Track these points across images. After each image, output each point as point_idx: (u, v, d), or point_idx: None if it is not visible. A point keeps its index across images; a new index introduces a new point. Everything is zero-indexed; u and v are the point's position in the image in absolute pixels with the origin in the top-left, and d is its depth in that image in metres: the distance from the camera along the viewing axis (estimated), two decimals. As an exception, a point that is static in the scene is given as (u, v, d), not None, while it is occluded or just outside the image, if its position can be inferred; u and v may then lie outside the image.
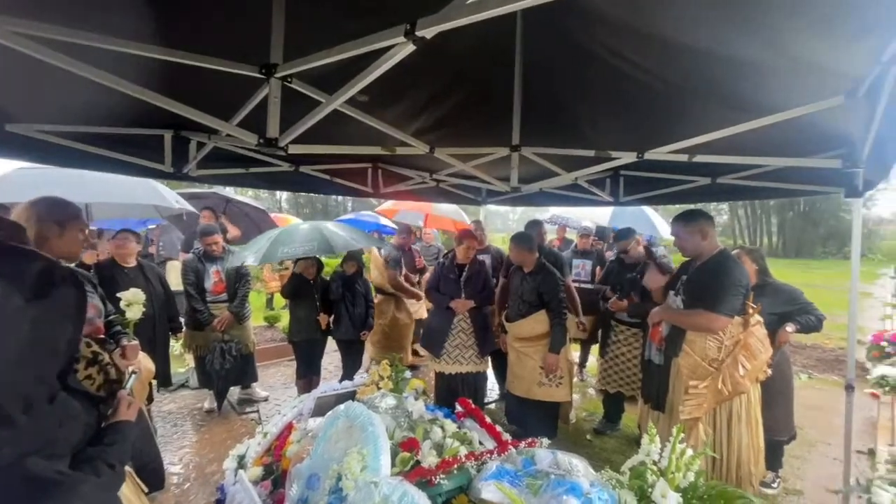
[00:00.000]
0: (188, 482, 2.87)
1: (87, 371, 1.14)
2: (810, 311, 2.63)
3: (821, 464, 3.18)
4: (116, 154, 2.39)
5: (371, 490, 1.29)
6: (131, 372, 1.45)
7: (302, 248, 3.26)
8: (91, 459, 0.95)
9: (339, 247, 3.36)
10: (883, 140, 1.69)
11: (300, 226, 3.64)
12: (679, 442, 1.51)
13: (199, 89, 1.73)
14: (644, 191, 3.49)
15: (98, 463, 0.95)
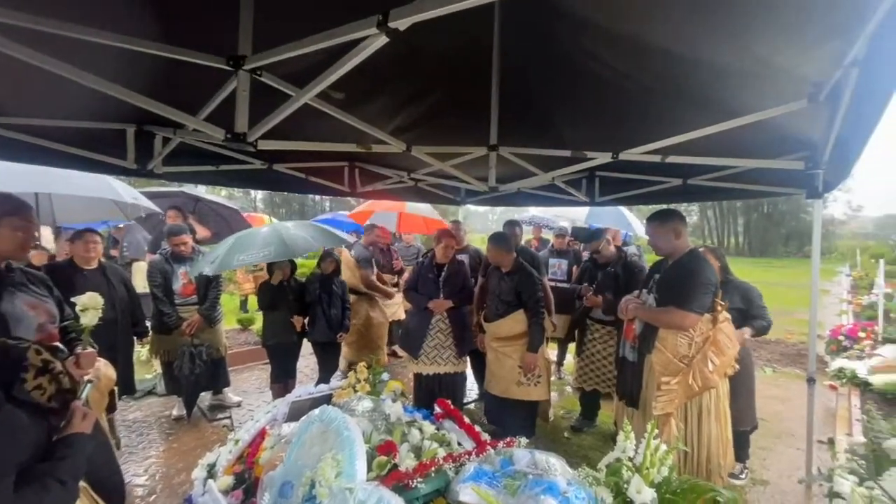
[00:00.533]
0: (154, 494, 2.74)
1: (36, 381, 1.06)
2: (763, 315, 2.77)
3: (785, 454, 3.31)
4: (75, 150, 2.26)
5: (346, 496, 1.25)
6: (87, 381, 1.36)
7: (258, 255, 3.10)
8: (39, 477, 0.88)
9: (298, 250, 3.23)
10: (843, 142, 1.77)
11: (259, 230, 3.43)
12: (653, 438, 1.54)
13: (163, 82, 1.65)
14: (619, 191, 3.56)
15: (47, 480, 0.88)
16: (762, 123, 1.82)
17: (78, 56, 1.29)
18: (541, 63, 1.97)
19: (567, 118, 2.45)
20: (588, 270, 3.78)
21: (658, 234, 2.23)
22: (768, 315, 2.81)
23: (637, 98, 2.03)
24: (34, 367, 1.06)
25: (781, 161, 2.15)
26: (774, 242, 34.95)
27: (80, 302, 1.88)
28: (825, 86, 1.47)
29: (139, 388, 4.12)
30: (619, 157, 2.15)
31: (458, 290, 3.39)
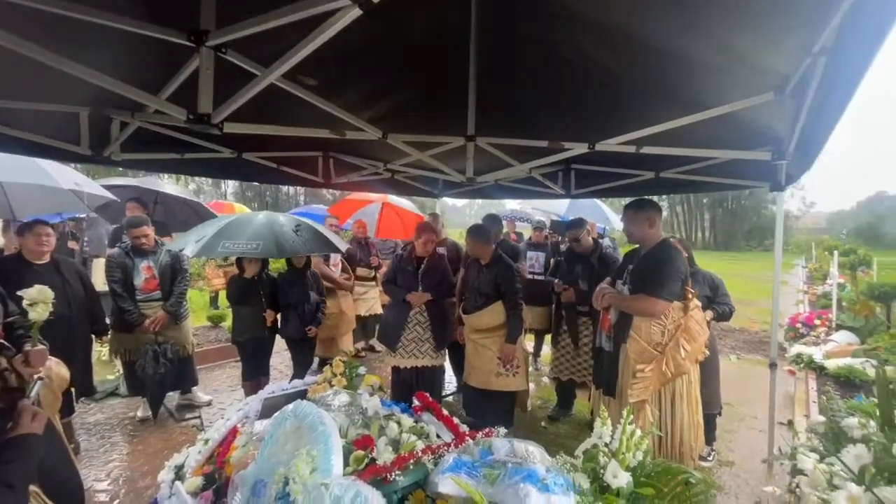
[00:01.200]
0: (117, 499, 2.61)
1: None
2: (726, 301, 2.93)
3: (749, 436, 3.47)
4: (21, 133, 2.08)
5: (321, 492, 1.21)
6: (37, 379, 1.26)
7: (246, 246, 2.91)
8: None
9: (286, 252, 3.07)
10: (807, 134, 1.84)
11: (253, 219, 3.20)
12: (629, 423, 1.57)
13: (119, 59, 1.53)
14: (594, 184, 3.61)
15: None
16: (731, 116, 1.87)
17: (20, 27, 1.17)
18: (519, 53, 1.96)
19: (544, 109, 2.45)
20: (565, 261, 3.82)
21: (633, 221, 2.27)
22: (731, 302, 2.95)
23: (613, 90, 2.05)
24: None
25: (749, 153, 2.22)
26: (737, 237, 36.75)
27: (27, 296, 1.74)
28: (791, 78, 1.52)
29: (100, 389, 3.92)
30: (596, 148, 2.17)
31: (437, 284, 3.36)
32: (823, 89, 1.43)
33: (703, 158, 2.59)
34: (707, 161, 2.60)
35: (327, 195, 32.55)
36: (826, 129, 1.66)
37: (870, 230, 33.53)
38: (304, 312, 3.60)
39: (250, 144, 2.82)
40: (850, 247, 11.15)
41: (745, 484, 2.82)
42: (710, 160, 2.58)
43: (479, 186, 4.08)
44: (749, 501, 2.59)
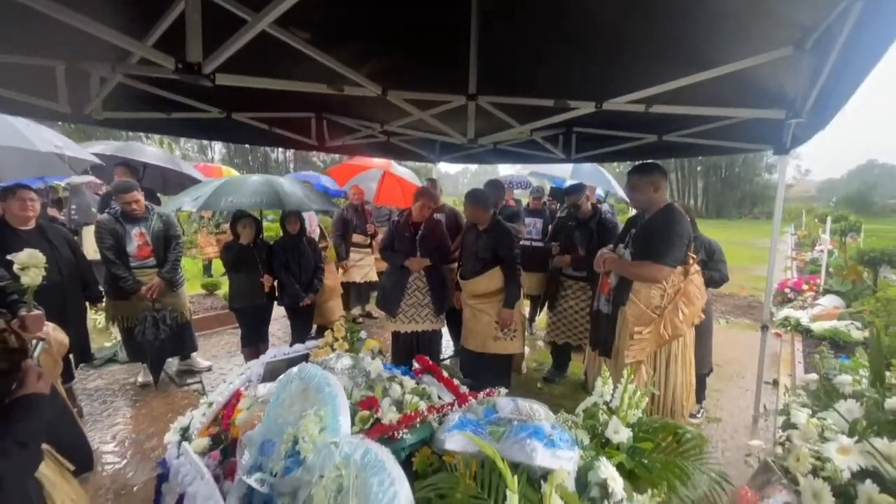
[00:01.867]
0: (124, 460, 2.66)
1: None
2: (720, 269, 2.93)
3: (735, 395, 3.61)
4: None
5: (331, 450, 1.23)
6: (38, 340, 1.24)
7: (249, 201, 3.01)
8: None
9: (290, 204, 3.10)
10: (828, 90, 1.77)
11: (248, 178, 3.32)
12: (629, 383, 1.60)
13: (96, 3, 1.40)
14: (595, 148, 3.54)
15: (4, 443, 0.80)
16: (743, 74, 1.79)
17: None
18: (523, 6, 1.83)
19: (549, 67, 2.34)
20: (564, 227, 3.80)
21: (637, 186, 2.23)
22: (726, 270, 2.96)
23: (623, 46, 1.95)
24: None
25: (763, 111, 2.15)
26: (729, 204, 37.00)
27: (18, 260, 1.69)
28: (813, 31, 1.44)
29: (98, 355, 3.92)
30: (603, 107, 2.09)
31: (434, 249, 3.34)
32: (854, 39, 1.35)
33: (710, 119, 2.51)
34: (714, 122, 2.53)
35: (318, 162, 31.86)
36: (852, 84, 1.59)
37: (859, 198, 33.90)
38: (302, 281, 3.58)
39: (241, 104, 2.69)
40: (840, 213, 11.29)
41: (730, 438, 2.96)
42: (718, 121, 2.50)
43: (477, 151, 3.98)
44: (735, 454, 2.72)
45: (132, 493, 2.38)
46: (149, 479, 2.39)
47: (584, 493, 1.25)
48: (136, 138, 10.06)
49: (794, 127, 2.39)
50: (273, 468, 1.39)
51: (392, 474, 1.13)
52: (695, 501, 1.39)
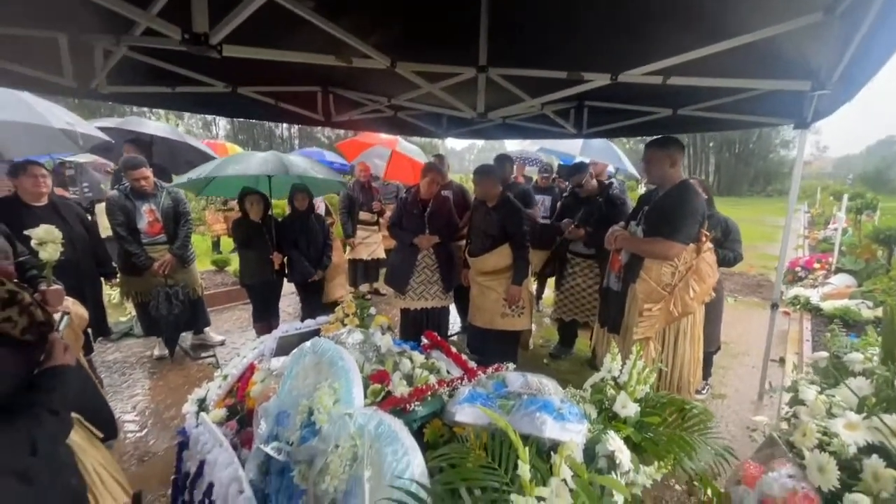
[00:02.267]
0: (146, 429, 2.77)
1: (4, 313, 0.95)
2: (734, 248, 2.86)
3: (741, 372, 3.64)
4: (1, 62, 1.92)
5: (346, 421, 1.26)
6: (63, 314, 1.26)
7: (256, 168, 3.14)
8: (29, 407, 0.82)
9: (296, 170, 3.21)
10: (858, 59, 1.68)
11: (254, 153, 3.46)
12: (638, 359, 1.62)
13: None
14: (607, 122, 3.45)
15: (37, 410, 0.83)
16: (767, 43, 1.71)
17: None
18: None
19: (562, 38, 2.26)
20: (569, 205, 3.77)
21: (654, 159, 2.18)
22: (740, 250, 2.90)
23: (640, 15, 1.86)
24: None
25: (786, 82, 2.06)
26: (742, 181, 36.21)
27: (35, 236, 1.71)
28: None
29: (115, 330, 4.02)
30: (618, 79, 2.02)
31: (443, 226, 3.33)
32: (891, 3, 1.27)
33: (728, 92, 2.42)
34: (733, 95, 2.44)
35: (322, 138, 31.53)
36: (884, 53, 1.50)
37: (876, 175, 32.95)
38: (311, 257, 3.61)
39: (246, 77, 2.64)
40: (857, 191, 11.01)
41: (735, 414, 2.99)
42: (737, 94, 2.41)
43: (486, 125, 3.90)
44: (739, 429, 2.77)
45: (155, 459, 2.48)
46: (170, 447, 2.49)
47: (592, 464, 1.28)
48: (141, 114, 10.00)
49: (818, 100, 2.30)
50: (289, 438, 1.43)
51: (405, 444, 1.16)
52: (699, 474, 1.42)
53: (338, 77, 2.85)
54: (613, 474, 1.22)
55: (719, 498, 1.45)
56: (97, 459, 1.30)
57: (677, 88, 2.25)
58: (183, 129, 20.28)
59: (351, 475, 1.19)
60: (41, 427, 0.80)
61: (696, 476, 1.43)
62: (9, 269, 1.61)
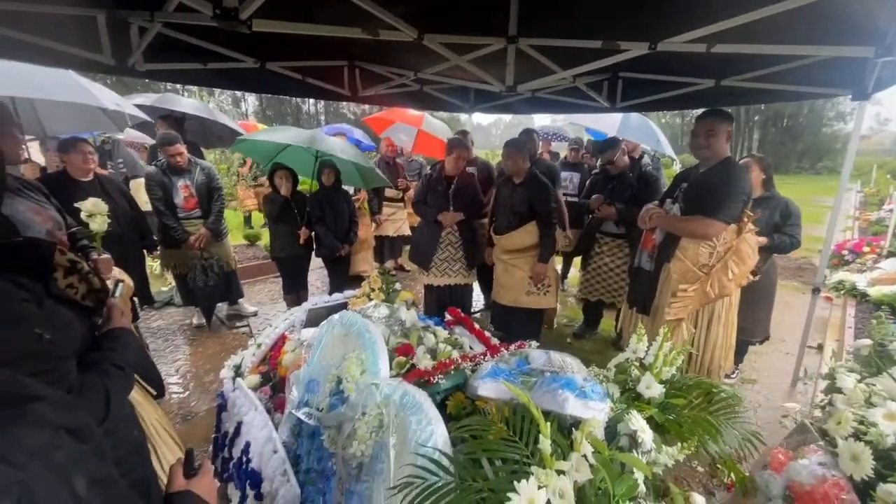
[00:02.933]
0: (188, 391, 2.98)
1: (67, 280, 1.03)
2: (793, 233, 2.67)
3: (775, 357, 3.52)
4: (43, 40, 1.99)
5: (372, 391, 1.32)
6: (117, 281, 1.34)
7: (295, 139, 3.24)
8: (97, 363, 0.90)
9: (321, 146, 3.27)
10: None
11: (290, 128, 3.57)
12: (666, 341, 1.59)
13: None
14: (643, 95, 3.27)
15: (105, 365, 0.90)
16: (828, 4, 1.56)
17: None
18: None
19: (597, 4, 2.13)
20: (599, 182, 3.65)
21: (716, 130, 2.05)
22: (799, 236, 2.70)
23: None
24: (62, 267, 1.02)
25: (846, 48, 1.88)
26: (789, 158, 33.89)
27: (84, 208, 1.82)
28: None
29: (157, 299, 4.28)
30: (657, 48, 1.90)
31: (468, 203, 3.31)
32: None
33: (779, 60, 2.24)
34: (784, 64, 2.25)
35: (349, 114, 31.53)
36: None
37: (943, 152, 30.10)
38: (337, 232, 3.68)
39: (275, 53, 2.65)
40: (919, 169, 10.12)
41: (765, 400, 2.92)
42: (789, 62, 2.23)
43: (514, 99, 3.78)
44: (769, 416, 2.70)
45: (197, 418, 2.67)
46: (210, 409, 2.68)
47: (613, 442, 1.28)
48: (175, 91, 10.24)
49: (881, 67, 2.10)
50: (319, 404, 1.51)
51: (429, 415, 1.20)
52: (724, 457, 1.40)
53: (364, 51, 2.82)
54: (635, 453, 1.22)
55: (743, 481, 1.44)
56: (153, 415, 1.42)
57: (722, 57, 2.10)
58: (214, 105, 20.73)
59: (377, 441, 1.25)
60: (111, 379, 0.88)
61: (720, 459, 1.42)
62: (63, 240, 1.72)
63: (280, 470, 1.51)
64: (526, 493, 0.92)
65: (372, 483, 1.22)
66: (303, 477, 1.50)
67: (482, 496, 1.01)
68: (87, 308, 1.02)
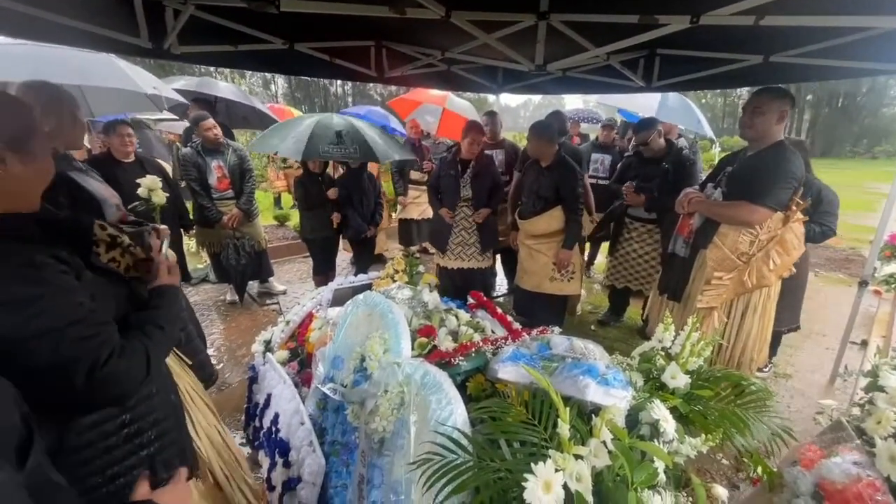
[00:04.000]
0: (222, 363, 3.14)
1: (109, 254, 1.08)
2: (827, 222, 2.52)
3: (813, 352, 3.36)
4: (84, 24, 2.07)
5: (394, 370, 1.35)
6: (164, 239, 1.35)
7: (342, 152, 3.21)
8: (139, 325, 0.94)
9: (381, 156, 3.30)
10: None
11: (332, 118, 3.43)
12: (694, 330, 1.54)
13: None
14: (682, 73, 3.08)
15: (147, 328, 0.94)
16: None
17: None
18: None
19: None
20: (631, 165, 3.51)
21: (765, 110, 1.92)
22: (833, 225, 2.56)
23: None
24: (103, 242, 1.07)
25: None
26: (842, 141, 31.47)
27: (144, 184, 1.98)
28: None
29: (194, 276, 4.50)
30: (700, 21, 1.78)
31: (487, 189, 3.25)
32: None
33: (838, 33, 2.05)
34: (846, 36, 2.06)
35: (375, 95, 31.46)
36: None
37: None
38: (363, 215, 3.73)
39: (303, 33, 2.65)
40: None
41: (799, 395, 2.80)
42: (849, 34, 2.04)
43: (544, 79, 3.65)
44: (802, 412, 2.60)
45: (230, 389, 2.83)
46: (242, 380, 2.82)
47: (634, 430, 1.27)
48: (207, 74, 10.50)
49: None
50: (343, 380, 1.56)
51: (449, 395, 1.23)
52: (751, 451, 1.37)
53: (391, 30, 2.78)
54: (656, 442, 1.21)
55: (771, 476, 1.40)
56: (188, 383, 1.51)
57: (772, 30, 1.94)
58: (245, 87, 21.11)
59: (398, 418, 1.29)
60: (151, 340, 0.92)
61: (746, 453, 1.38)
62: (125, 215, 1.84)
63: (307, 441, 1.58)
64: (543, 474, 0.93)
65: (393, 457, 1.26)
66: (328, 448, 1.57)
67: (499, 476, 1.03)
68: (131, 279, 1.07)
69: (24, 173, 0.80)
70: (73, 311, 0.78)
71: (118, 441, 0.91)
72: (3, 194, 0.79)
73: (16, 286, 0.74)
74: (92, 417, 0.87)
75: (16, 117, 0.80)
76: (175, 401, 1.12)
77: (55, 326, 0.75)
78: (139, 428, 0.95)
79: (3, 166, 0.77)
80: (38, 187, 0.86)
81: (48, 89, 1.63)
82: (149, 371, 0.88)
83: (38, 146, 0.83)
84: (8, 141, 0.77)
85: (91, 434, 0.86)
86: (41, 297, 0.75)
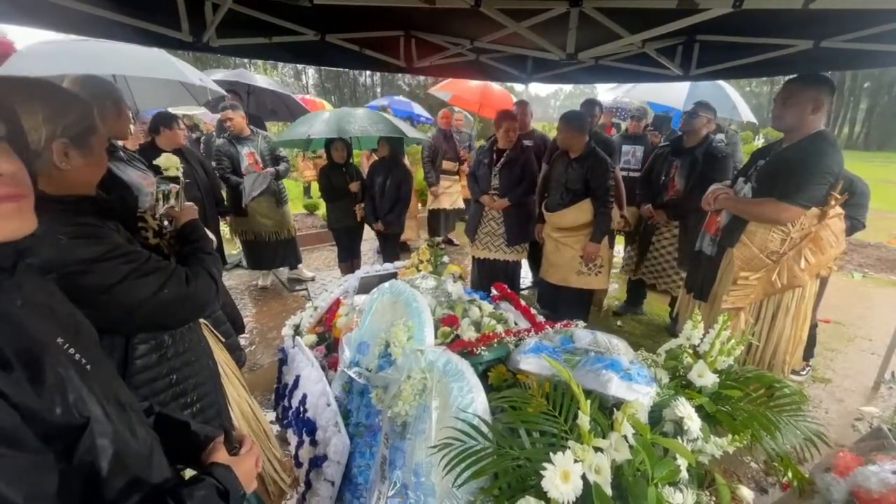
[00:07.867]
0: (254, 345, 3.29)
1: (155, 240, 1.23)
2: (856, 214, 2.40)
3: (856, 357, 3.18)
4: (131, 20, 2.18)
5: (418, 356, 1.38)
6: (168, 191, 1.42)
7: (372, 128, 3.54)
8: (192, 254, 1.12)
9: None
10: None
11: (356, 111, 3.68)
12: (724, 329, 1.50)
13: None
14: (722, 61, 2.93)
15: (200, 255, 1.11)
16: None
17: None
18: None
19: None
20: (664, 157, 3.38)
21: (794, 99, 1.81)
22: (863, 218, 2.46)
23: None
24: (151, 229, 1.20)
25: None
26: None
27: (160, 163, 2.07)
28: None
29: (229, 261, 4.70)
30: (743, 6, 1.69)
31: (515, 179, 3.22)
32: None
33: None
34: None
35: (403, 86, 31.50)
36: None
37: None
38: (376, 205, 3.78)
39: (334, 25, 2.69)
40: None
41: (838, 402, 2.67)
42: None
43: (575, 68, 3.56)
44: (840, 418, 2.48)
45: (261, 370, 2.96)
46: (272, 362, 2.94)
47: (657, 427, 1.26)
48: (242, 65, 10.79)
49: None
50: (368, 365, 1.61)
51: (471, 383, 1.25)
52: (782, 455, 1.32)
53: (420, 20, 2.78)
54: (680, 440, 1.19)
55: (802, 482, 1.35)
56: (221, 357, 1.61)
57: (823, 14, 1.82)
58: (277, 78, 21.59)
59: (420, 403, 1.32)
60: (206, 263, 1.08)
61: (776, 456, 1.34)
62: None
63: (332, 421, 1.65)
64: (561, 464, 0.94)
65: (415, 441, 1.30)
66: (352, 429, 1.63)
67: (518, 463, 1.05)
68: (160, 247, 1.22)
69: (84, 165, 0.90)
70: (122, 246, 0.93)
71: (166, 398, 1.06)
72: (66, 183, 0.89)
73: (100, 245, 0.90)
74: (148, 374, 1.02)
75: (81, 117, 0.89)
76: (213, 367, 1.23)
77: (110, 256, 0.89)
78: (184, 388, 1.11)
79: (67, 160, 0.86)
80: (95, 177, 0.96)
81: (94, 82, 1.74)
82: (218, 288, 1.05)
83: (96, 142, 0.93)
84: (73, 137, 0.86)
85: (145, 390, 1.02)
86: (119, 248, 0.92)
